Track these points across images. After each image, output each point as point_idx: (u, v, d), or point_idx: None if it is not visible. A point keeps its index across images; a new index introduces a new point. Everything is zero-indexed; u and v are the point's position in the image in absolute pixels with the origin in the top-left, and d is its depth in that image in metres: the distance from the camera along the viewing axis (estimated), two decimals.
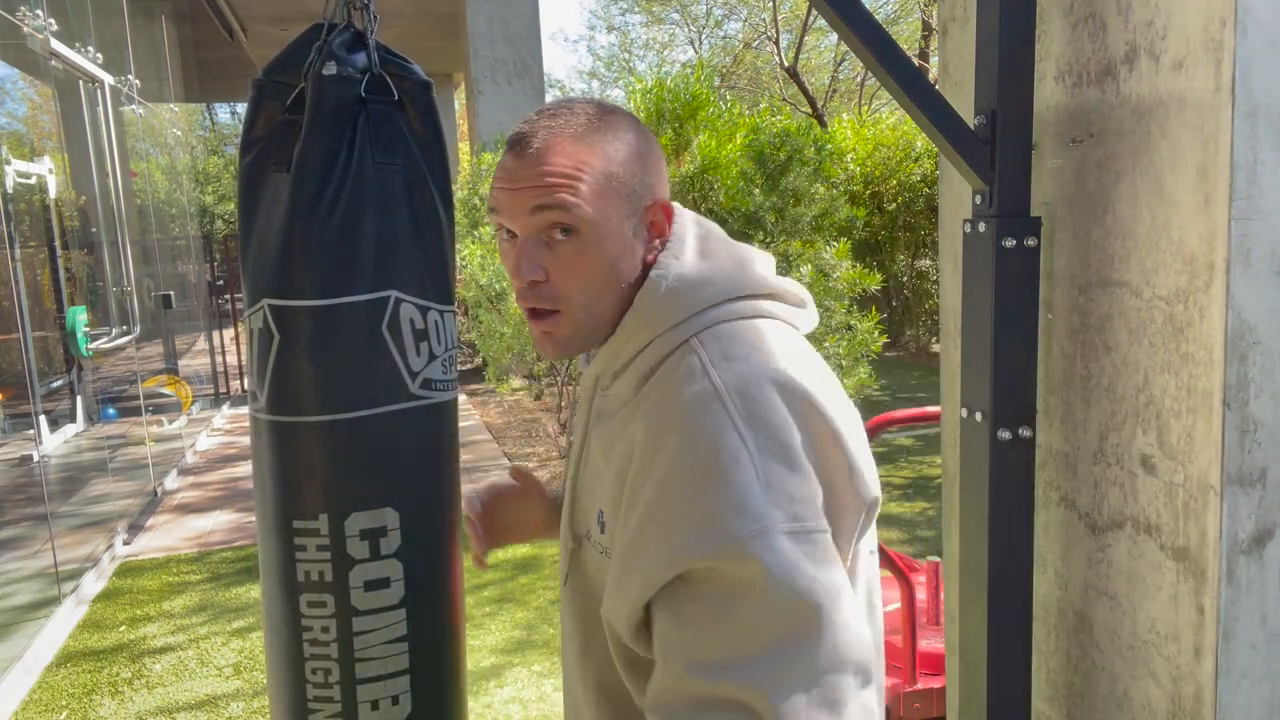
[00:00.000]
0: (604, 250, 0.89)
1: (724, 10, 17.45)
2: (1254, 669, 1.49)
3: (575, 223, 0.88)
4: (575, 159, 0.88)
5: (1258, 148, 1.38)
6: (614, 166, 0.90)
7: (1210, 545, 1.47)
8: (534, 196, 0.88)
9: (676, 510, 0.80)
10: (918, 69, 1.78)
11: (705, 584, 0.78)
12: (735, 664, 0.75)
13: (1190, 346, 1.48)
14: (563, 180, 0.87)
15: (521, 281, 0.91)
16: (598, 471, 0.94)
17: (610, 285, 0.91)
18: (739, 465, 0.78)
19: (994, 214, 1.69)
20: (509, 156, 0.91)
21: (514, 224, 0.91)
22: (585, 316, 0.91)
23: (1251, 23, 1.36)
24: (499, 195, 0.91)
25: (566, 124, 0.90)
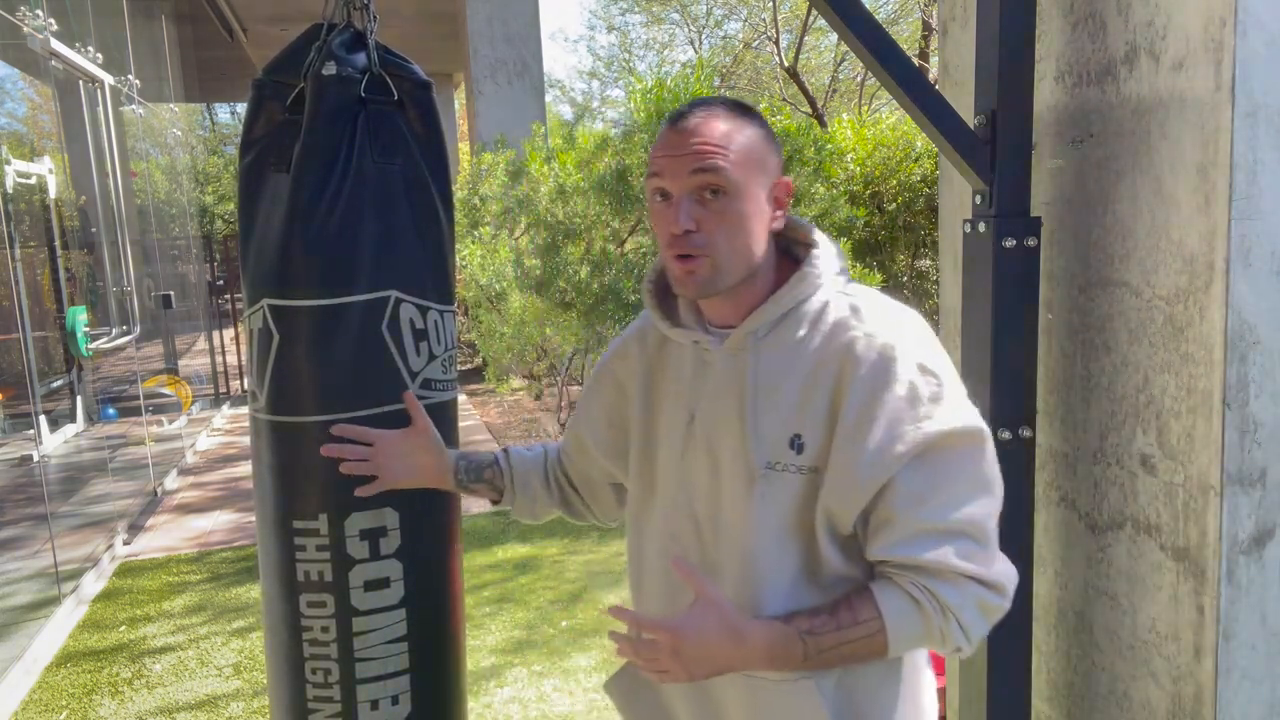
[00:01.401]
0: (744, 209, 1.11)
1: (724, 10, 17.44)
2: (1254, 669, 1.49)
3: (724, 183, 1.10)
4: (725, 134, 1.11)
5: (1258, 148, 1.38)
6: (753, 143, 1.13)
7: (1210, 545, 1.47)
8: (694, 160, 1.10)
9: (922, 406, 1.07)
10: (918, 69, 1.78)
11: (940, 454, 1.07)
12: (956, 506, 1.08)
13: (1190, 346, 1.48)
14: (716, 149, 1.10)
15: (677, 229, 1.10)
16: (777, 405, 1.13)
17: (746, 240, 1.13)
18: (944, 373, 1.10)
19: (994, 214, 1.69)
20: (669, 131, 1.13)
21: (672, 184, 1.11)
22: (725, 262, 1.12)
23: (1251, 23, 1.36)
24: (660, 161, 1.13)
25: (716, 108, 1.13)
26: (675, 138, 1.12)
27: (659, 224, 1.14)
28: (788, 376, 1.14)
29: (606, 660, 3.40)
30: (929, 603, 1.08)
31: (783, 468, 1.13)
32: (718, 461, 1.17)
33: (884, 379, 1.09)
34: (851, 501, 1.10)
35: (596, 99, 22.91)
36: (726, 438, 1.16)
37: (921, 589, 1.08)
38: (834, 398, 1.11)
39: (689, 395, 1.21)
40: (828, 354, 1.12)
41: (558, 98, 22.86)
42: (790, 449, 1.12)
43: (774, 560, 1.13)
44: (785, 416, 1.13)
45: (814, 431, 1.12)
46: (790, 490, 1.12)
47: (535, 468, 1.45)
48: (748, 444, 1.14)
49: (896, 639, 1.09)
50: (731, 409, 1.16)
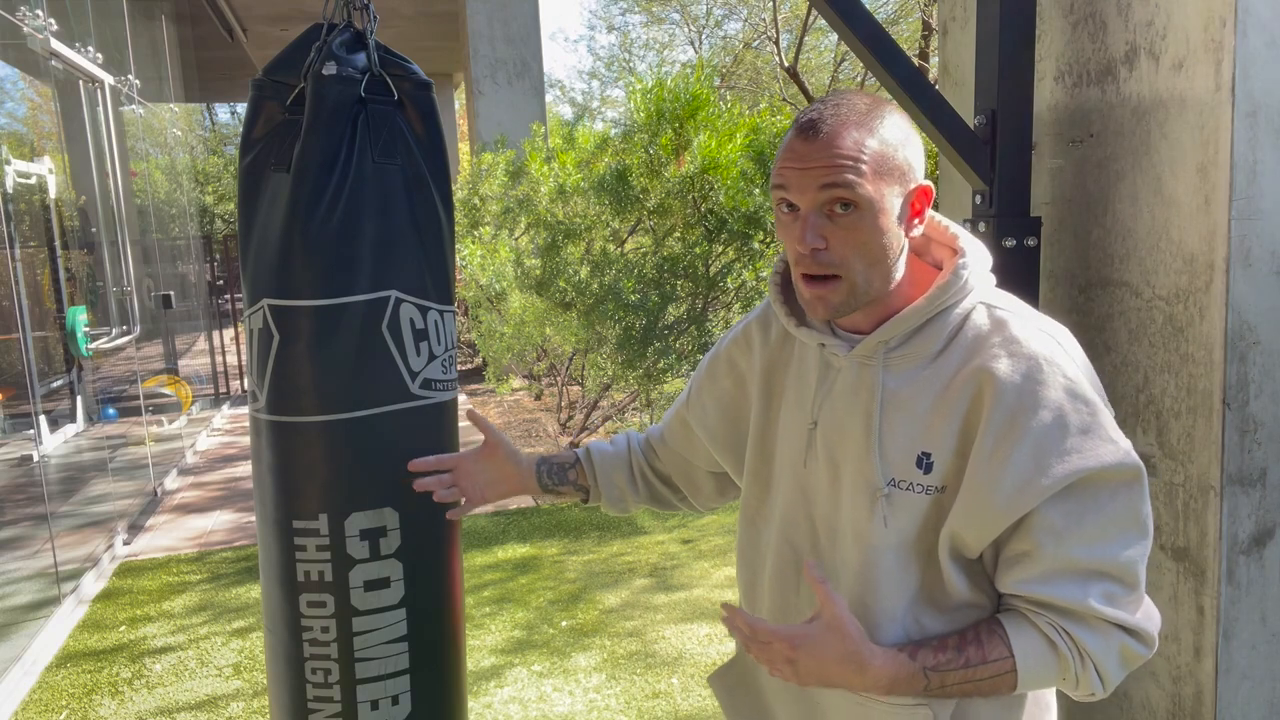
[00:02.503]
0: (877, 224, 1.03)
1: (724, 10, 17.44)
2: (1254, 669, 1.49)
3: (855, 199, 1.02)
4: (858, 143, 1.02)
5: (1258, 148, 1.38)
6: (889, 150, 1.03)
7: (1210, 545, 1.47)
8: (822, 175, 1.02)
9: (1071, 437, 1.01)
10: (918, 69, 1.78)
11: (1088, 488, 1.00)
12: (1104, 545, 1.02)
13: (1190, 346, 1.48)
14: (848, 161, 1.01)
15: (805, 248, 1.04)
16: (906, 421, 1.07)
17: (881, 255, 1.05)
18: (1096, 401, 1.03)
19: (994, 214, 1.69)
20: (797, 140, 1.05)
21: (800, 199, 1.04)
22: (861, 281, 1.05)
23: (1251, 23, 1.36)
24: (787, 173, 1.05)
25: (849, 112, 1.04)
26: (803, 147, 1.04)
27: (785, 236, 1.08)
28: (919, 391, 1.07)
29: (607, 660, 3.40)
30: (1066, 647, 1.02)
31: (908, 486, 1.06)
32: (839, 473, 1.12)
33: (1029, 403, 1.01)
34: (984, 529, 1.03)
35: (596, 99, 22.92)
36: (850, 450, 1.10)
37: (1060, 632, 1.02)
38: (969, 418, 1.04)
39: (812, 400, 1.15)
40: (965, 371, 1.05)
41: (558, 98, 22.87)
42: (917, 467, 1.06)
43: (894, 580, 1.08)
44: (914, 433, 1.07)
45: (944, 451, 1.05)
46: (915, 510, 1.06)
47: (619, 464, 1.42)
48: (872, 459, 1.08)
49: (1026, 680, 1.03)
50: (857, 421, 1.10)
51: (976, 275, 1.09)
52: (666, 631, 3.62)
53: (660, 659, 3.40)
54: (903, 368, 1.09)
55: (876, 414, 1.08)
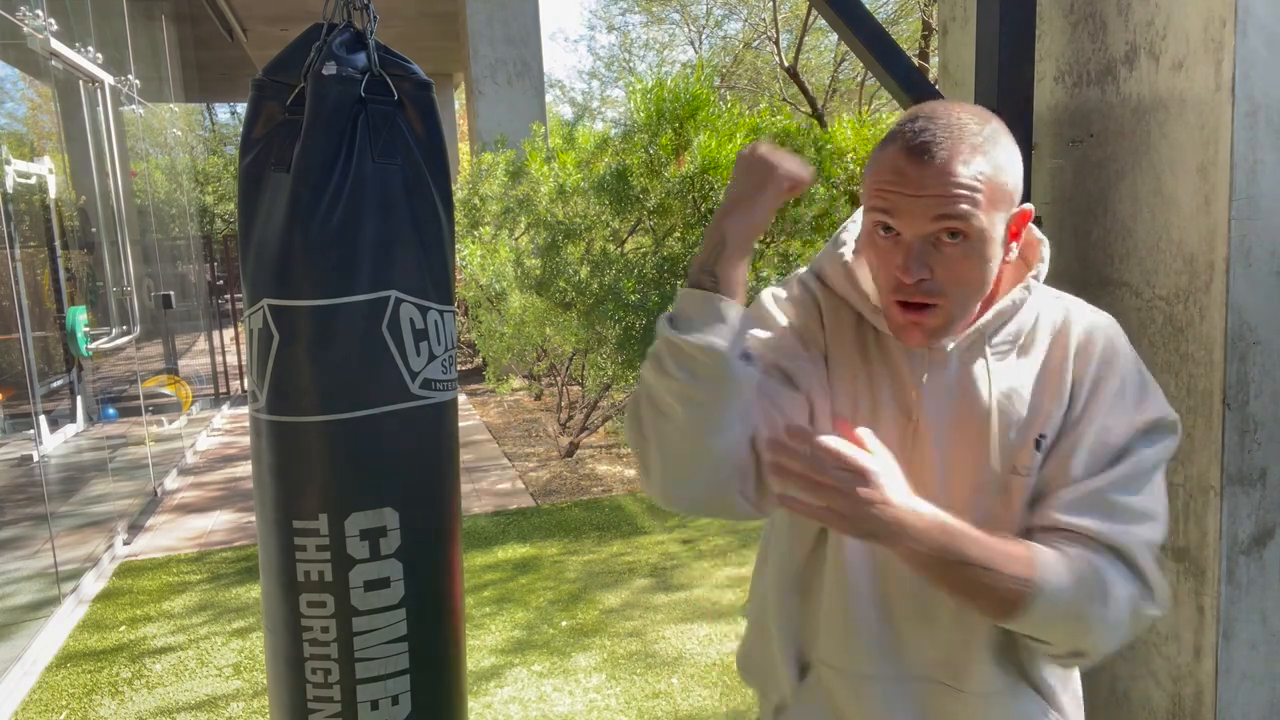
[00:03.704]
0: (984, 254, 0.99)
1: (724, 10, 17.44)
2: (1254, 669, 1.49)
3: (969, 230, 0.96)
4: (975, 170, 0.95)
5: (1258, 148, 1.38)
6: (1001, 176, 0.98)
7: (1210, 545, 1.47)
8: (938, 205, 0.95)
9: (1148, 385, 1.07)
10: (918, 69, 1.78)
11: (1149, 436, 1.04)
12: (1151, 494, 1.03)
13: (1190, 346, 1.48)
14: (966, 192, 0.95)
15: (909, 278, 0.98)
16: (1019, 409, 1.06)
17: (982, 284, 1.02)
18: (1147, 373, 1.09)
19: None
20: (908, 163, 0.96)
21: (908, 225, 0.97)
22: (959, 311, 1.02)
23: (1251, 23, 1.36)
24: (895, 199, 0.97)
25: (964, 133, 0.97)
26: (915, 172, 0.96)
27: (880, 260, 1.01)
28: (1023, 377, 1.08)
29: (607, 660, 3.40)
30: (1091, 581, 0.99)
31: (1026, 471, 1.05)
32: (950, 466, 1.08)
33: (1107, 372, 1.06)
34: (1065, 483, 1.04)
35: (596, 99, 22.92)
36: (964, 445, 1.07)
37: (1084, 560, 1.00)
38: (1073, 393, 1.06)
39: (906, 394, 1.09)
40: (1057, 356, 1.08)
41: (558, 98, 22.88)
42: (1036, 450, 1.06)
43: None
44: (1028, 419, 1.06)
45: (1054, 429, 1.06)
46: (1025, 492, 1.06)
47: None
48: (992, 451, 1.06)
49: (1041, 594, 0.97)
50: (971, 415, 1.07)
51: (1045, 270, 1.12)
52: (667, 631, 3.62)
53: (660, 659, 3.40)
54: (1004, 358, 1.08)
55: (993, 406, 1.06)
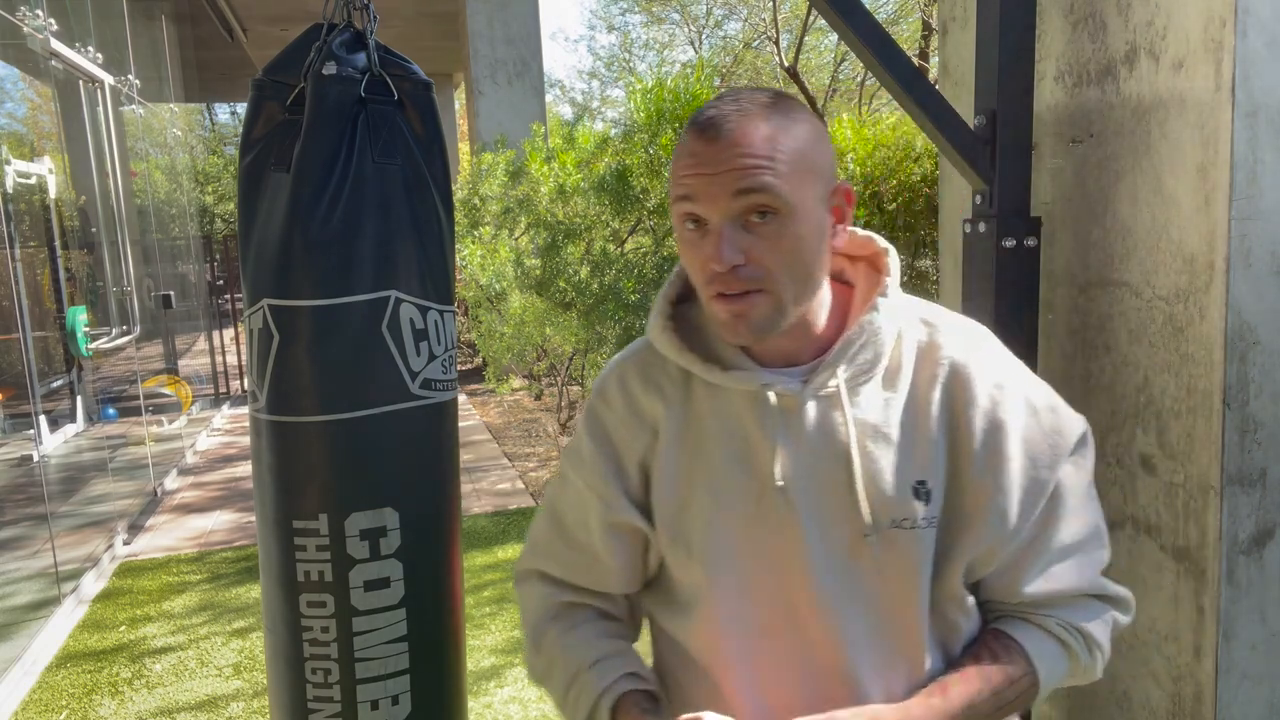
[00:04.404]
0: (801, 230, 0.90)
1: (724, 10, 17.44)
2: (1254, 669, 1.49)
3: (776, 203, 0.88)
4: (770, 138, 0.89)
5: (1258, 148, 1.38)
6: (803, 145, 0.91)
7: (1210, 545, 1.47)
8: (734, 180, 0.88)
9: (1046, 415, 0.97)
10: (918, 69, 1.78)
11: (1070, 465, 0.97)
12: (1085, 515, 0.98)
13: (1190, 346, 1.48)
14: (762, 161, 0.88)
15: (722, 266, 0.89)
16: (890, 451, 0.95)
17: (808, 267, 0.92)
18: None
19: (994, 214, 1.69)
20: (699, 142, 0.90)
21: (710, 209, 0.90)
22: (788, 297, 0.92)
23: (1251, 23, 1.36)
24: (692, 182, 0.90)
25: (752, 105, 0.91)
26: (707, 149, 0.89)
27: (691, 258, 0.92)
28: (892, 416, 0.95)
29: None
30: (1077, 643, 0.98)
31: (910, 524, 0.94)
32: (820, 529, 0.95)
33: (1001, 397, 0.95)
34: (1006, 540, 0.94)
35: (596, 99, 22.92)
36: (830, 499, 0.95)
37: (1069, 629, 0.98)
38: (952, 431, 0.95)
39: (756, 453, 0.97)
40: (925, 383, 0.96)
41: (558, 98, 22.86)
42: (916, 499, 0.94)
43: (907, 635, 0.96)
44: (902, 463, 0.94)
45: (938, 475, 0.95)
46: (921, 549, 0.94)
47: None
48: (860, 503, 0.93)
49: (1046, 687, 0.98)
50: (833, 463, 0.95)
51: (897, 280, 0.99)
52: None
53: None
54: (866, 392, 0.96)
55: (856, 450, 0.94)
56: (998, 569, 0.98)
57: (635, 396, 1.04)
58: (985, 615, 1.02)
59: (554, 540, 1.11)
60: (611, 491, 1.03)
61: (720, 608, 0.99)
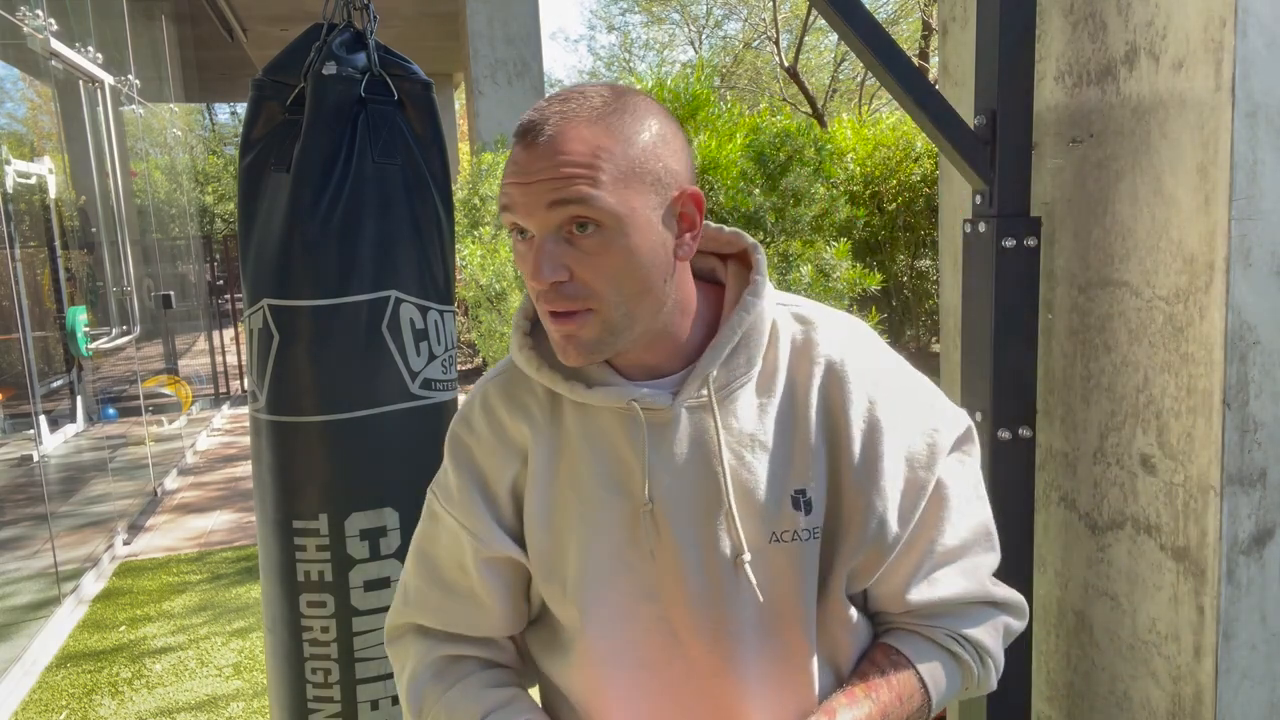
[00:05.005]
0: (630, 244, 0.83)
1: (724, 10, 17.45)
2: (1254, 669, 1.49)
3: (597, 215, 0.81)
4: (592, 145, 0.82)
5: (1258, 148, 1.38)
6: (635, 151, 0.83)
7: (1210, 545, 1.47)
8: (550, 190, 0.81)
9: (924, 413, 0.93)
10: (918, 69, 1.78)
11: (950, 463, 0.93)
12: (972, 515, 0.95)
13: (1190, 346, 1.48)
14: (580, 170, 0.81)
15: (541, 284, 0.83)
16: (765, 460, 0.90)
17: (642, 282, 0.85)
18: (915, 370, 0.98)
19: (994, 214, 1.69)
20: (518, 148, 0.85)
21: (528, 221, 0.83)
22: (619, 315, 0.85)
23: (1251, 23, 1.36)
24: (510, 191, 0.84)
25: (579, 108, 0.83)
26: (525, 155, 0.83)
27: (522, 270, 0.86)
28: (765, 422, 0.90)
29: None
30: (968, 654, 0.94)
31: (791, 536, 0.89)
32: (697, 550, 0.90)
33: (878, 395, 0.91)
34: (887, 548, 0.90)
35: None
36: (706, 517, 0.89)
37: (958, 640, 0.94)
38: (831, 434, 0.90)
39: (629, 473, 0.91)
40: (801, 384, 0.91)
41: None
42: (796, 510, 0.89)
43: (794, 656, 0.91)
44: (779, 472, 0.90)
45: (818, 482, 0.90)
46: (800, 561, 0.89)
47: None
48: (736, 517, 0.88)
49: (939, 702, 0.94)
50: (706, 478, 0.89)
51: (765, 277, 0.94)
52: None
53: None
54: (738, 399, 0.90)
55: (728, 461, 0.89)
56: (881, 576, 0.93)
57: (501, 421, 0.97)
58: (875, 629, 0.98)
59: (426, 587, 1.02)
60: (484, 525, 0.96)
61: (598, 643, 0.93)
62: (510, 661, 1.04)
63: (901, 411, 0.92)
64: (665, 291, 0.88)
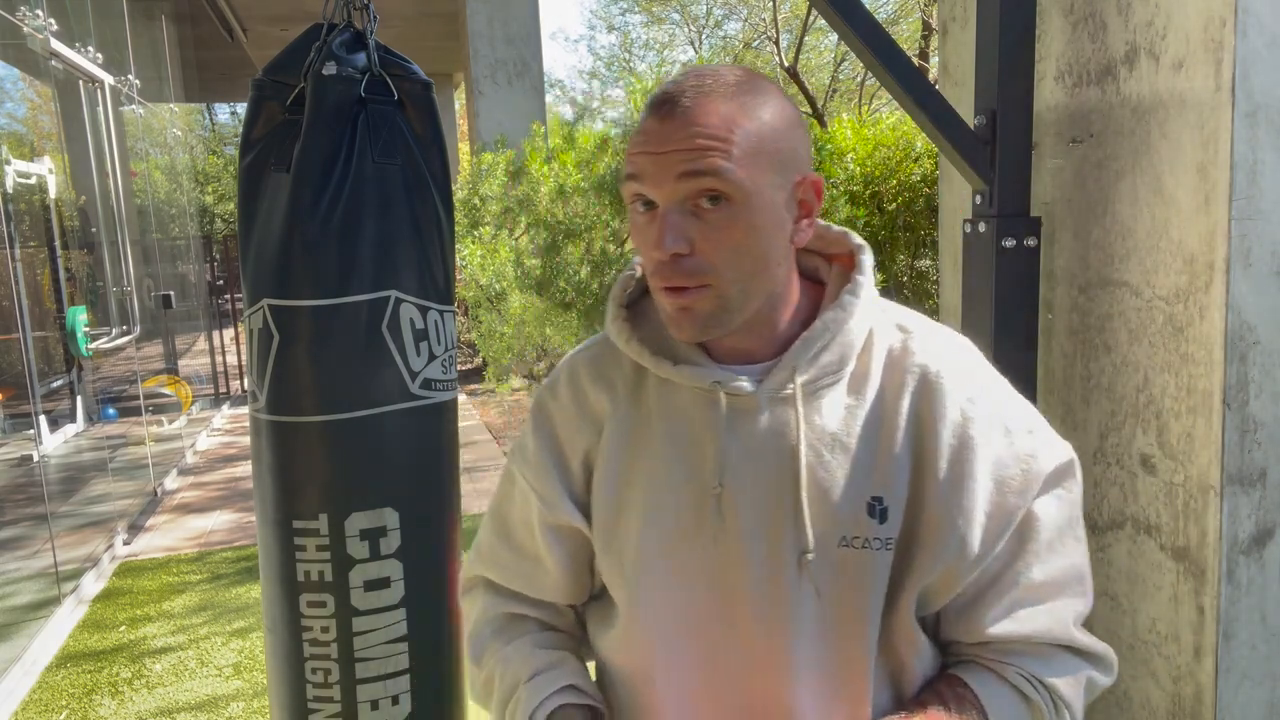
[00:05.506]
0: (754, 221, 0.83)
1: (724, 10, 17.45)
2: (1254, 669, 1.49)
3: (727, 189, 0.82)
4: (727, 119, 0.82)
5: (1258, 148, 1.38)
6: (766, 130, 0.84)
7: (1210, 545, 1.47)
8: (682, 160, 0.82)
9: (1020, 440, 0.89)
10: (918, 69, 1.78)
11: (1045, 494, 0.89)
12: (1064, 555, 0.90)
13: (1190, 346, 1.48)
14: (715, 142, 0.81)
15: (663, 254, 0.83)
16: (846, 463, 0.88)
17: (761, 262, 0.85)
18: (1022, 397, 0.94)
19: (994, 214, 1.69)
20: (652, 119, 0.85)
21: (656, 191, 0.83)
22: (736, 293, 0.85)
23: (1251, 23, 1.36)
24: (640, 160, 0.84)
25: (715, 84, 0.84)
26: (659, 127, 0.84)
27: (640, 243, 0.87)
28: (852, 423, 0.88)
29: None
30: (1041, 698, 0.89)
31: (862, 543, 0.86)
32: (763, 544, 0.88)
33: (974, 412, 0.88)
34: (965, 568, 0.86)
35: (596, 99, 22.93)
36: (775, 511, 0.88)
37: (1032, 682, 0.89)
38: (918, 446, 0.87)
39: (701, 454, 0.90)
40: (893, 392, 0.89)
41: (558, 98, 22.87)
42: (870, 517, 0.86)
43: (852, 668, 0.88)
44: (858, 476, 0.87)
45: (898, 492, 0.87)
46: (873, 571, 0.86)
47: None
48: (806, 514, 0.86)
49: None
50: (780, 471, 0.88)
51: (871, 283, 0.93)
52: None
53: None
54: (825, 397, 0.89)
55: (807, 457, 0.87)
56: (959, 604, 0.89)
57: (584, 391, 0.98)
58: (945, 659, 0.94)
59: (497, 545, 1.05)
60: (553, 491, 0.97)
61: (651, 621, 0.92)
62: (568, 628, 1.05)
63: (997, 432, 0.88)
64: (778, 276, 0.88)
